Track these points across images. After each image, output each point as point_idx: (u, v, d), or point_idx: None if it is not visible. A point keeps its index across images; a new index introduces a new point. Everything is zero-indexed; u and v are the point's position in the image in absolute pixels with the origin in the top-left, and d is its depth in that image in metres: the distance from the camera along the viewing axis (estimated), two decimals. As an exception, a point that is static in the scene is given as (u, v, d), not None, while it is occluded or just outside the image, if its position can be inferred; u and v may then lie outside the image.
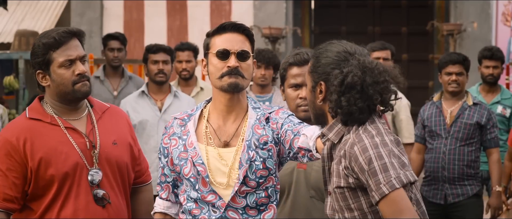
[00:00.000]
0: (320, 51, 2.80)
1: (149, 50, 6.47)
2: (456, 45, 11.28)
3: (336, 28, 12.80)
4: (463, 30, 11.28)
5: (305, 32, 13.12)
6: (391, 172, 2.53)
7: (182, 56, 7.12)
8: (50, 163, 3.30)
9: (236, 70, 3.13)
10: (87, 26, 12.21)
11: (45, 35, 3.35)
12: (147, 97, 6.37)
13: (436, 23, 11.90)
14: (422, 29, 12.48)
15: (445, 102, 6.13)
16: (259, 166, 3.14)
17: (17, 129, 3.35)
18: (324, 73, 2.76)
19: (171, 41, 11.69)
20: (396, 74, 2.72)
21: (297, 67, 3.65)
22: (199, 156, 3.14)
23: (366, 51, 2.79)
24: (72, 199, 3.32)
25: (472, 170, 6.01)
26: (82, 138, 3.36)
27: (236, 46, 3.16)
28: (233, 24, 3.20)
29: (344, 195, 2.66)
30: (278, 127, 3.18)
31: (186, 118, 3.24)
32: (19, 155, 3.30)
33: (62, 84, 3.34)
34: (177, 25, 12.09)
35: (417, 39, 13.03)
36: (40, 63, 3.35)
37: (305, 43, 12.91)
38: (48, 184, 3.31)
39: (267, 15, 11.91)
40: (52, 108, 3.40)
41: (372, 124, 2.67)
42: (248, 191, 3.14)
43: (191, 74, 7.15)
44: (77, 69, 3.32)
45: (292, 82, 3.65)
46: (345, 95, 2.66)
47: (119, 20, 12.34)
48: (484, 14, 11.65)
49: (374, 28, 13.02)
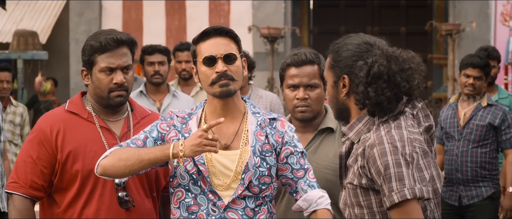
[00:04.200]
0: (339, 46, 2.76)
1: (145, 52, 6.46)
2: (455, 45, 11.31)
3: (335, 28, 12.83)
4: (462, 30, 11.30)
5: (304, 32, 13.14)
6: (406, 182, 2.50)
7: (182, 57, 7.13)
8: (78, 158, 3.33)
9: (225, 75, 3.14)
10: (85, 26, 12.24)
11: (95, 36, 3.39)
12: (146, 97, 6.37)
13: (435, 23, 11.92)
14: (421, 29, 12.51)
15: (461, 103, 6.12)
16: (264, 172, 3.16)
17: (53, 120, 3.39)
18: (346, 66, 2.71)
19: (169, 41, 11.72)
20: (419, 62, 2.69)
21: (295, 68, 3.65)
22: (201, 156, 3.14)
23: (384, 42, 2.77)
24: (96, 198, 3.34)
25: (486, 172, 5.97)
26: (114, 139, 3.38)
27: (221, 50, 3.16)
28: (214, 28, 3.20)
29: (356, 192, 2.65)
30: (282, 142, 3.21)
31: (186, 117, 3.24)
32: (50, 145, 3.34)
33: (99, 88, 3.38)
34: (176, 25, 12.11)
35: (416, 39, 13.07)
36: (85, 62, 3.40)
37: (304, 43, 12.94)
38: (72, 178, 3.33)
39: (266, 15, 11.94)
40: (91, 106, 3.43)
41: (397, 129, 2.62)
42: (248, 196, 3.15)
43: (191, 74, 7.15)
44: (116, 78, 3.35)
45: (290, 83, 3.66)
46: (372, 85, 2.62)
47: (118, 20, 12.36)
48: (483, 14, 11.68)
49: (373, 28, 13.05)
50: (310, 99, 3.62)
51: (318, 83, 3.64)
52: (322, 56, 3.70)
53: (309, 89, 3.63)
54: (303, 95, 3.62)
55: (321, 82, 3.65)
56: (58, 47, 13.31)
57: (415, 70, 2.66)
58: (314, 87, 3.63)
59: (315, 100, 3.63)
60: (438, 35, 11.99)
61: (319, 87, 3.64)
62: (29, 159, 3.35)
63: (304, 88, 3.62)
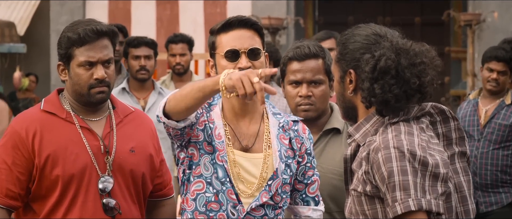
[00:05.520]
0: (347, 37, 2.73)
1: (130, 44, 6.41)
2: (475, 37, 11.31)
3: (343, 19, 12.82)
4: (482, 20, 11.29)
5: (308, 23, 13.14)
6: (411, 191, 2.46)
7: (176, 49, 7.11)
8: (57, 162, 3.31)
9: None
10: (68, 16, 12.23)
11: (73, 27, 3.38)
12: (129, 95, 6.32)
13: (452, 12, 11.92)
14: (437, 19, 12.50)
15: (482, 100, 6.10)
16: (286, 180, 3.20)
17: (28, 121, 3.37)
18: (353, 60, 2.68)
19: (160, 33, 11.72)
20: (433, 56, 2.64)
21: (297, 62, 3.65)
22: (225, 152, 3.15)
23: (397, 33, 2.73)
24: (79, 205, 3.33)
25: (507, 176, 5.96)
26: (97, 140, 3.38)
27: (246, 44, 3.16)
28: (239, 19, 3.19)
29: (360, 200, 2.62)
30: (301, 149, 3.26)
31: (206, 106, 3.24)
32: (27, 149, 3.32)
33: (77, 85, 3.37)
34: (168, 14, 12.11)
35: (432, 30, 13.06)
36: (62, 56, 3.40)
37: (308, 35, 12.93)
38: (52, 184, 3.32)
39: (266, 4, 11.93)
40: (70, 105, 3.42)
41: (408, 135, 2.57)
42: (268, 204, 3.18)
43: (186, 69, 7.14)
44: (96, 73, 3.33)
45: (292, 78, 3.66)
46: (379, 82, 2.58)
47: (104, 9, 12.35)
48: (506, 3, 11.67)
49: (385, 18, 13.05)
50: (314, 96, 3.62)
51: (323, 79, 3.64)
52: (328, 50, 3.71)
53: (312, 85, 3.63)
54: (306, 92, 3.62)
55: (326, 78, 3.65)
56: (37, 39, 13.30)
57: (428, 65, 2.62)
58: (319, 84, 3.63)
59: (320, 98, 3.63)
60: (456, 26, 11.98)
61: (324, 84, 3.64)
62: (3, 165, 3.33)
63: (307, 85, 3.63)
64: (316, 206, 3.33)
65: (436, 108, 2.71)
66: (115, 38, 3.42)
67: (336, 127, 3.70)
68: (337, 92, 2.78)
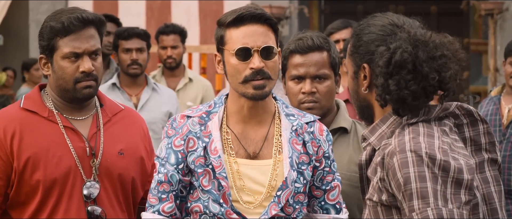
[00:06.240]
0: (361, 27, 2.70)
1: (120, 36, 6.38)
2: (497, 27, 11.31)
3: (352, 7, 12.83)
4: (505, 9, 11.30)
5: (313, 12, 13.14)
6: (430, 200, 2.41)
7: (167, 41, 7.11)
8: (38, 166, 3.32)
9: (262, 72, 3.12)
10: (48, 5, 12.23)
11: (56, 16, 3.37)
12: (120, 91, 6.30)
13: (472, 1, 11.93)
14: (455, 8, 12.51)
15: (504, 98, 6.11)
16: (299, 189, 3.18)
17: (6, 120, 3.37)
18: (367, 53, 2.66)
19: (150, 23, 11.72)
20: (456, 48, 2.62)
21: (300, 55, 3.65)
22: (223, 168, 3.13)
23: (418, 23, 2.70)
24: (61, 213, 3.34)
25: None
26: (82, 142, 3.38)
27: (259, 41, 3.15)
28: (252, 13, 3.17)
29: (376, 210, 2.59)
30: (318, 153, 3.25)
31: (204, 116, 3.21)
32: (4, 151, 3.33)
33: (62, 79, 3.37)
34: (158, 3, 12.11)
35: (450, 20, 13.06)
36: (45, 48, 3.38)
37: (313, 26, 12.94)
38: (32, 190, 3.33)
39: (268, -9, 11.94)
40: (52, 102, 3.43)
41: (427, 137, 2.53)
42: (279, 217, 3.16)
43: (178, 63, 7.13)
44: (83, 65, 3.34)
45: (294, 73, 3.66)
46: (394, 77, 2.56)
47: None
48: (531, -10, 11.68)
49: (397, 7, 13.05)
50: (319, 93, 3.63)
51: (328, 73, 3.64)
52: (333, 42, 3.71)
53: (317, 81, 3.63)
54: (309, 89, 3.62)
55: (331, 72, 3.65)
56: (15, 31, 13.31)
57: (450, 58, 2.59)
58: (323, 79, 3.64)
59: (325, 95, 3.64)
60: (477, 15, 11.99)
61: (329, 79, 3.65)
62: None
63: (311, 80, 3.63)
64: (338, 214, 3.32)
65: (462, 109, 2.67)
66: (102, 27, 3.43)
67: (342, 126, 3.70)
68: (351, 89, 2.76)
